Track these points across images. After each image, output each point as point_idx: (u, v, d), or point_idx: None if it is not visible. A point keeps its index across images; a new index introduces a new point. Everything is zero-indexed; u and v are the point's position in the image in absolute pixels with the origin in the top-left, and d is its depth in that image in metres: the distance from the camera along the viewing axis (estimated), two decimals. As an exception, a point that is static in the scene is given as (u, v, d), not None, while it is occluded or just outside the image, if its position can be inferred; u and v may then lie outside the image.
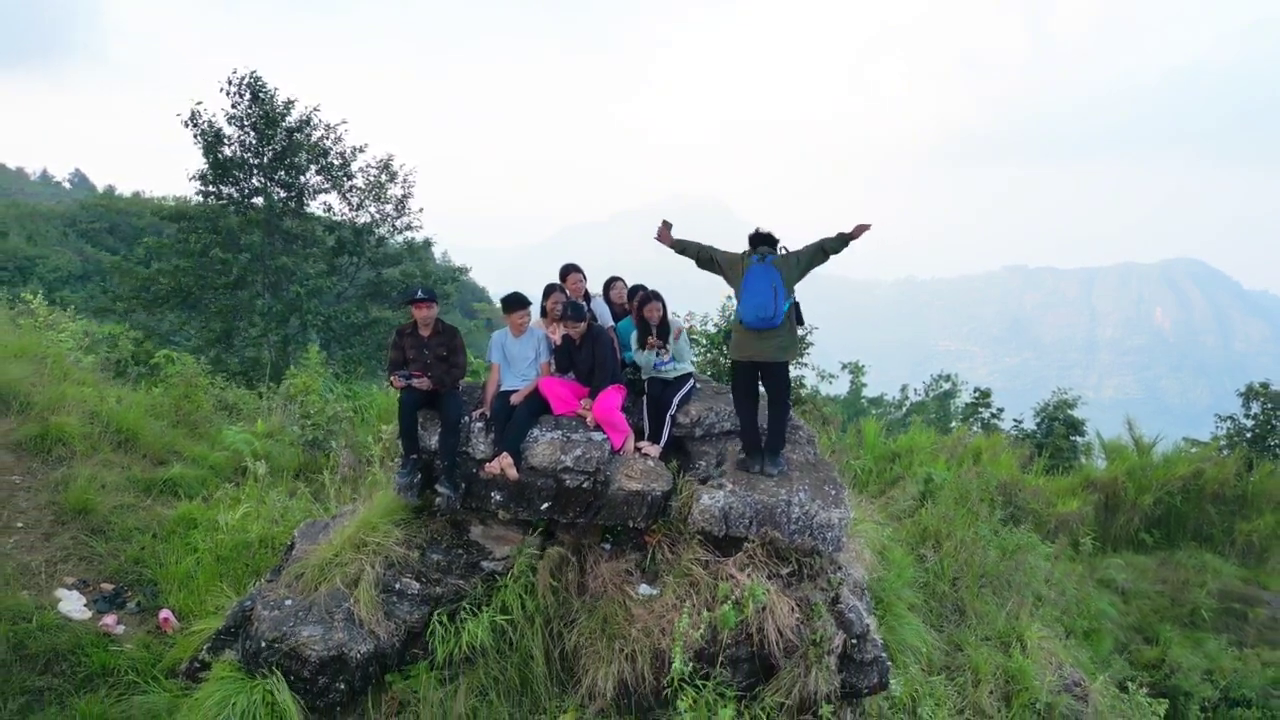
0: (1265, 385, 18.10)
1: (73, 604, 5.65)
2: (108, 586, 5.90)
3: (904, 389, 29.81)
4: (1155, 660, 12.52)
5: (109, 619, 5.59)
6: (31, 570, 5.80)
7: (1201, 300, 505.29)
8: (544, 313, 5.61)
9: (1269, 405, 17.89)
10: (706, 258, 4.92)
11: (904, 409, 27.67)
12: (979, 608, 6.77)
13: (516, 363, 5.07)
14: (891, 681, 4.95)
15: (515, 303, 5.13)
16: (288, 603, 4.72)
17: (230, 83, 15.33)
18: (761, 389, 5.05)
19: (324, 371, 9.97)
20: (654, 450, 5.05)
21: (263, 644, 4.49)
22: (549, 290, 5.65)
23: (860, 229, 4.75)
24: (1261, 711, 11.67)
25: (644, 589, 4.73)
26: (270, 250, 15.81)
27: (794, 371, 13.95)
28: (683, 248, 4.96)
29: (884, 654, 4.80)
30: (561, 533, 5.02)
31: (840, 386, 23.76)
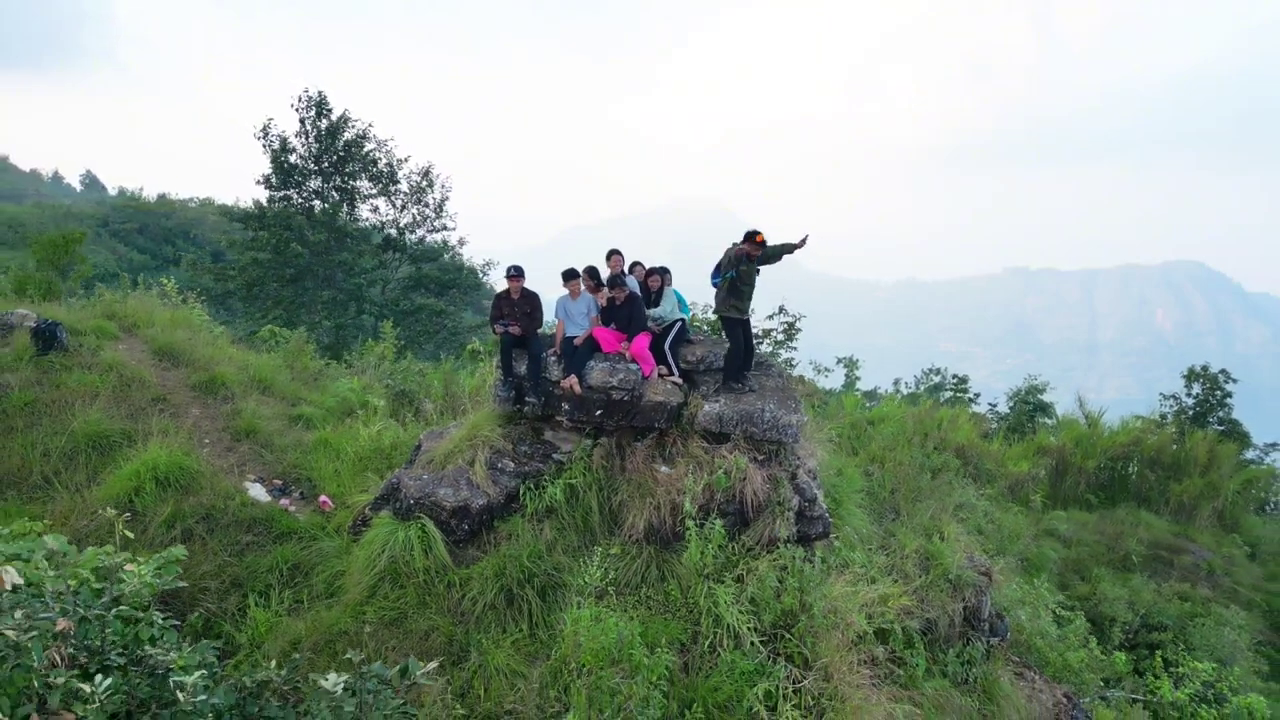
0: (1205, 368, 20.32)
1: (257, 492, 7.97)
2: (278, 481, 8.22)
3: (897, 382, 32.05)
4: (1087, 594, 14.82)
5: (284, 501, 7.91)
6: (224, 470, 8.12)
7: (1202, 302, 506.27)
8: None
9: (1208, 386, 20.10)
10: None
11: (896, 401, 29.89)
12: (910, 509, 9.04)
13: (575, 316, 7.37)
14: (833, 535, 7.23)
15: (571, 275, 7.45)
16: (425, 476, 7.02)
17: (300, 100, 17.71)
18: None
19: (396, 344, 12.31)
20: (672, 377, 7.35)
21: (411, 501, 6.79)
22: (594, 269, 7.95)
23: (803, 241, 6.93)
24: (1174, 634, 13.93)
25: (663, 469, 7.02)
26: (331, 247, 18.17)
27: (794, 369, 16.34)
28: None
29: (827, 514, 7.08)
30: (607, 434, 7.32)
31: (835, 380, 26.02)
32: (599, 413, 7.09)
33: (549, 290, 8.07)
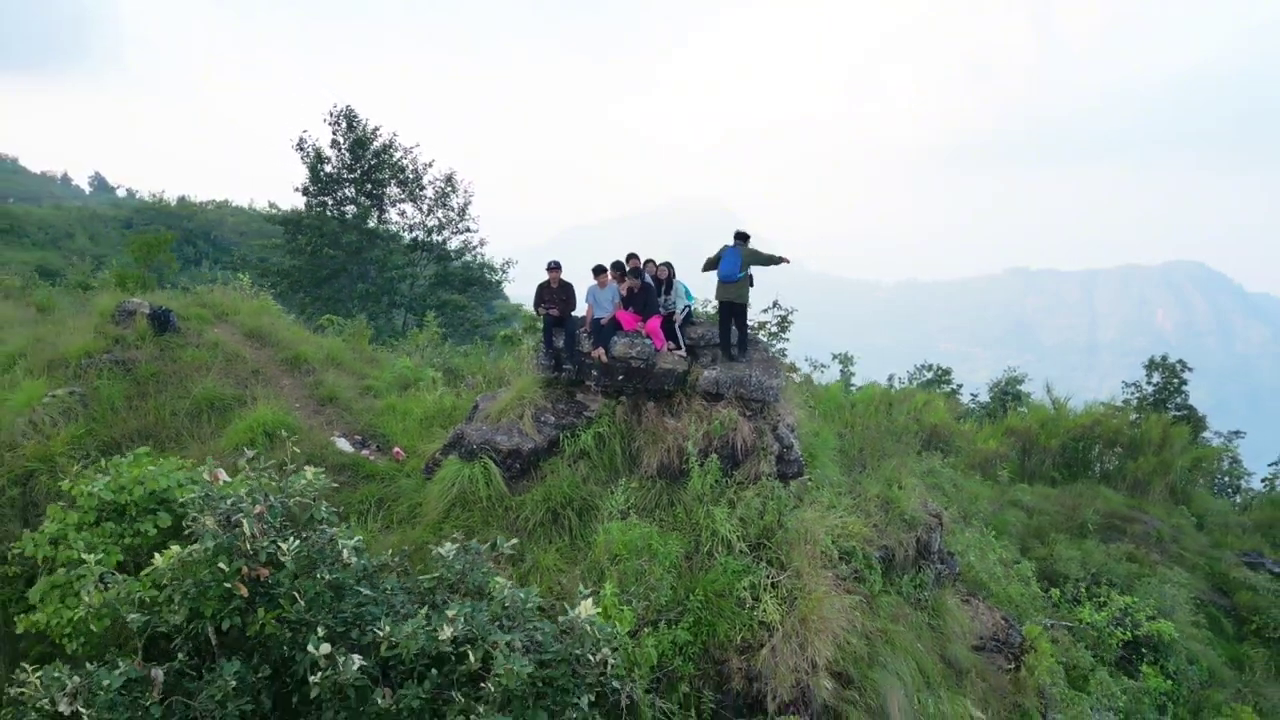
0: (1164, 358, 22.16)
1: (344, 445, 9.85)
2: (358, 437, 10.10)
3: (891, 378, 33.90)
4: (1045, 555, 16.70)
5: (365, 451, 9.80)
6: (315, 427, 9.99)
7: (1203, 303, 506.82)
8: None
9: (1167, 375, 21.95)
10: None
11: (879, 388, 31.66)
12: (875, 464, 10.89)
13: (602, 302, 9.24)
14: (805, 476, 9.09)
15: (599, 270, 9.33)
16: (484, 428, 8.90)
17: (331, 114, 19.61)
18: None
19: (439, 331, 14.23)
20: (679, 351, 9.22)
21: (474, 446, 8.67)
22: (619, 264, 9.85)
23: (782, 260, 8.83)
24: (1121, 590, 15.74)
25: (671, 421, 8.89)
26: (363, 247, 20.07)
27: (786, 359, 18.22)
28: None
29: (801, 458, 8.95)
30: (627, 395, 9.19)
31: (831, 376, 27.90)
32: (620, 378, 8.96)
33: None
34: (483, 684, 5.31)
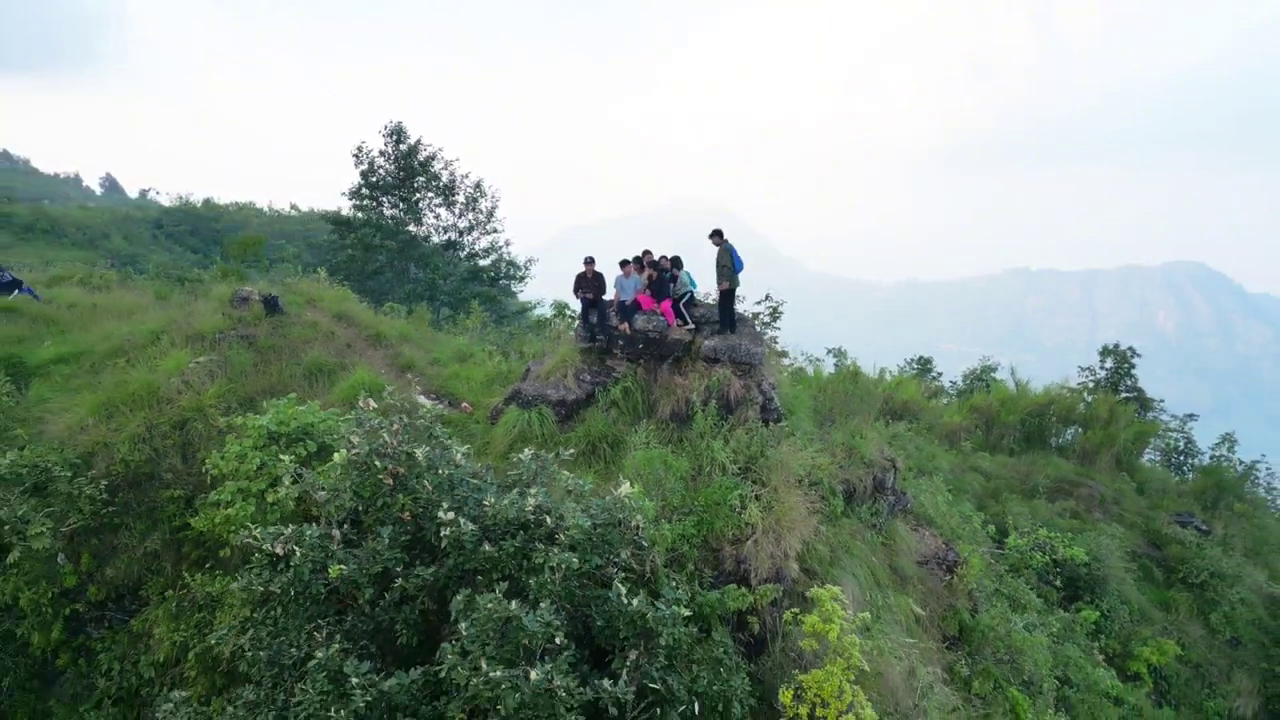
0: (1116, 346, 24.81)
1: (424, 400, 12.56)
2: (433, 395, 12.81)
3: (882, 371, 36.55)
4: (998, 511, 19.37)
5: (439, 405, 12.51)
6: (400, 387, 12.70)
7: (1203, 303, 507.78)
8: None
9: (1118, 360, 24.62)
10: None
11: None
12: (843, 421, 13.58)
13: (626, 288, 11.95)
14: (783, 422, 11.79)
15: (624, 263, 12.04)
16: (536, 384, 11.62)
17: (384, 129, 22.36)
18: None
19: (482, 316, 16.97)
20: (686, 326, 11.93)
21: (529, 398, 11.38)
22: (639, 258, 12.52)
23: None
24: (1061, 537, 18.33)
25: (680, 379, 11.60)
26: (406, 247, 22.83)
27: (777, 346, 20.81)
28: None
29: (779, 408, 11.64)
30: (645, 359, 11.90)
31: (825, 370, 30.54)
32: (640, 346, 11.66)
33: (560, 284, 12.66)
34: (557, 537, 8.00)
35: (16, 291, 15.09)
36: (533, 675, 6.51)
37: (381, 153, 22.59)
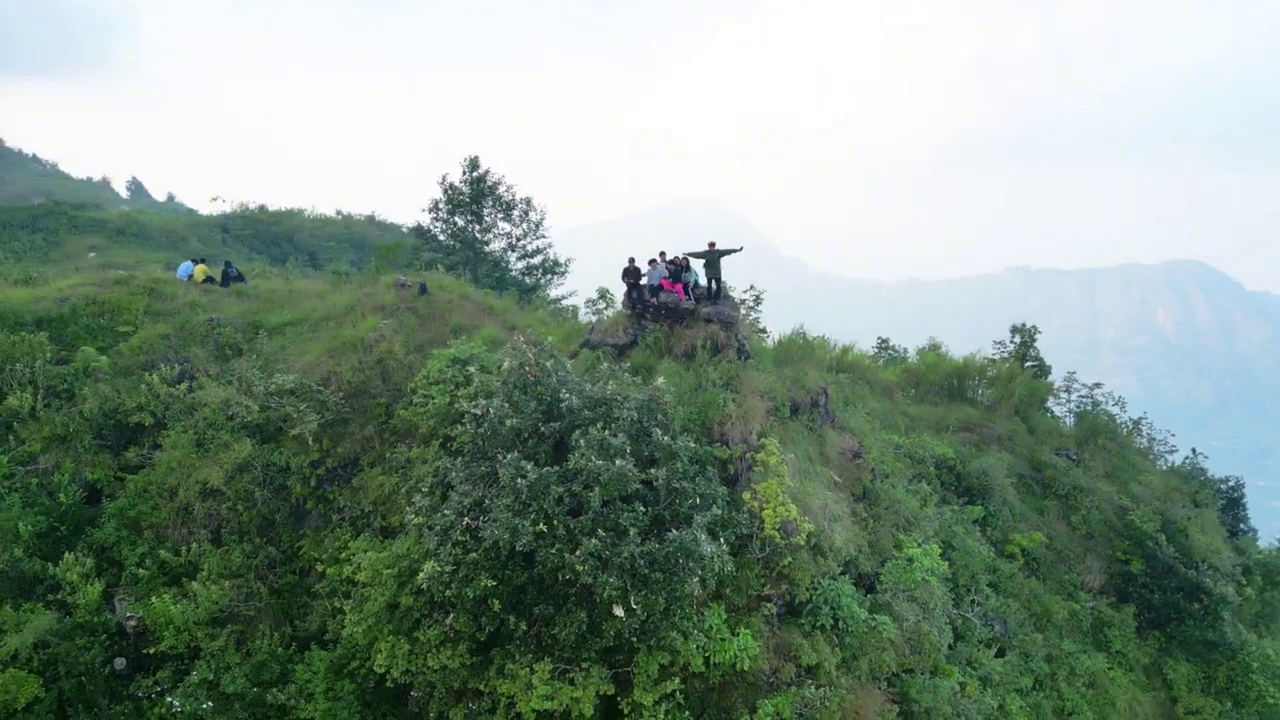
0: (1023, 325, 31.98)
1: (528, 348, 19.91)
2: (534, 343, 20.14)
3: (837, 343, 43.60)
4: (916, 443, 26.53)
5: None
6: (509, 338, 20.05)
7: (1203, 302, 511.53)
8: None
9: (1025, 336, 31.80)
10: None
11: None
12: (795, 365, 20.84)
13: (654, 276, 19.28)
14: (752, 360, 19.11)
15: (653, 260, 19.38)
16: (599, 335, 19.06)
17: (464, 161, 29.75)
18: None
19: (545, 302, 24.38)
20: (691, 300, 19.28)
21: (595, 343, 18.79)
22: (662, 254, 19.81)
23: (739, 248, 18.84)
24: (963, 466, 25.39)
25: (687, 332, 18.95)
26: (479, 252, 30.19)
27: (760, 327, 28.08)
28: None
29: (750, 352, 18.97)
30: (666, 321, 19.25)
31: None
32: (664, 313, 19.00)
33: (574, 280, 19.97)
34: (625, 405, 15.28)
35: (242, 282, 22.47)
36: (617, 463, 13.81)
37: (461, 179, 29.99)
